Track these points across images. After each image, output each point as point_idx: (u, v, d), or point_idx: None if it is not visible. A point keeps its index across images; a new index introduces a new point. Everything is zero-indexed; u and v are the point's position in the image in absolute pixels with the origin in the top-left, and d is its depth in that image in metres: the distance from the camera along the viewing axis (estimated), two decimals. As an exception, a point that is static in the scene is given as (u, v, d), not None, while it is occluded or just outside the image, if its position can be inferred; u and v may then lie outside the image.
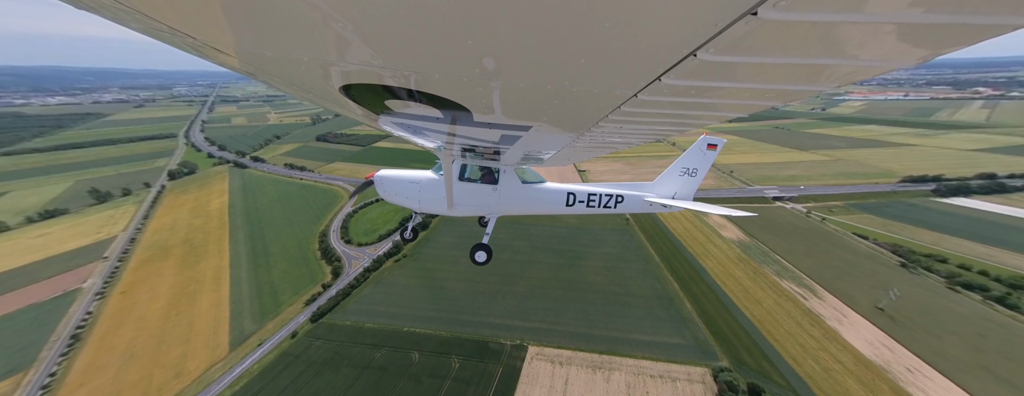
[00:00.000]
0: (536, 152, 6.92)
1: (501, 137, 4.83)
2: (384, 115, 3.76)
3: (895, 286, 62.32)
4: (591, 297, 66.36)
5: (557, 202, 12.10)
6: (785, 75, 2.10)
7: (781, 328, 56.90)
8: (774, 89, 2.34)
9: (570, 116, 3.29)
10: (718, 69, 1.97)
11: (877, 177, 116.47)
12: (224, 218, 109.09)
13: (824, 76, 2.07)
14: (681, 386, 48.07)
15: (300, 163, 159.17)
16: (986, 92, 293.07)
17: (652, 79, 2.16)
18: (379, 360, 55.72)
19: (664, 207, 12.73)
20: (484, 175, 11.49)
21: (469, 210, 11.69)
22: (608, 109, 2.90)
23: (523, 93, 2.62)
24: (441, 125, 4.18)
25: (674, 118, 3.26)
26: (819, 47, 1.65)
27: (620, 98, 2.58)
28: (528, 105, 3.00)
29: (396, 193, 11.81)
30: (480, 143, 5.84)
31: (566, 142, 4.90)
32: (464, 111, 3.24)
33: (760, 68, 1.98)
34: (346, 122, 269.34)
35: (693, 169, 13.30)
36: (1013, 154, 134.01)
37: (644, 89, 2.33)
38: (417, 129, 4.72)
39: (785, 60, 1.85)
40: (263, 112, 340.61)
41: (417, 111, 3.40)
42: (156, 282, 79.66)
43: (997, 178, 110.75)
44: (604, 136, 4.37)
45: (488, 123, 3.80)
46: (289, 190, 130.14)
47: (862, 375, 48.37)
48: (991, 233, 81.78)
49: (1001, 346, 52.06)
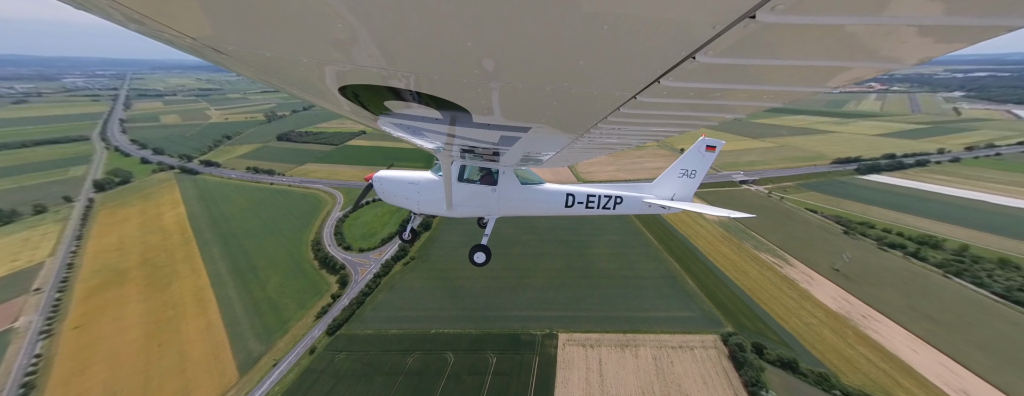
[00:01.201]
0: (535, 153, 7.05)
1: (500, 138, 4.88)
2: (383, 116, 3.80)
3: (846, 251, 75.67)
4: (605, 282, 71.26)
5: (556, 203, 12.20)
6: (784, 77, 2.18)
7: (767, 293, 66.64)
8: (773, 90, 2.41)
9: (569, 117, 3.35)
10: (717, 71, 2.01)
11: (814, 160, 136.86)
12: (187, 232, 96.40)
13: (821, 77, 2.14)
14: (698, 353, 54.79)
15: (265, 166, 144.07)
16: (877, 87, 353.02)
17: (651, 81, 2.19)
18: (414, 365, 55.24)
19: (663, 208, 12.87)
20: (483, 176, 11.52)
21: (468, 211, 11.78)
22: (607, 111, 2.94)
23: (522, 94, 2.64)
24: (440, 126, 4.19)
25: (673, 119, 3.35)
26: (817, 49, 1.70)
27: (619, 100, 2.62)
28: (527, 106, 3.03)
29: (395, 194, 11.82)
30: (479, 144, 5.88)
31: (565, 143, 4.97)
32: (463, 112, 3.26)
33: (759, 70, 2.03)
34: (308, 119, 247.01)
35: (692, 170, 13.50)
36: (903, 137, 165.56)
37: (643, 91, 2.37)
38: (416, 130, 4.78)
39: (783, 62, 1.89)
40: (199, 109, 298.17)
41: (416, 112, 3.43)
42: (119, 311, 69.15)
43: (896, 157, 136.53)
44: (603, 137, 4.48)
45: (487, 124, 3.84)
46: (260, 197, 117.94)
47: (833, 325, 59.09)
48: (899, 202, 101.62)
49: (921, 290, 66.53)
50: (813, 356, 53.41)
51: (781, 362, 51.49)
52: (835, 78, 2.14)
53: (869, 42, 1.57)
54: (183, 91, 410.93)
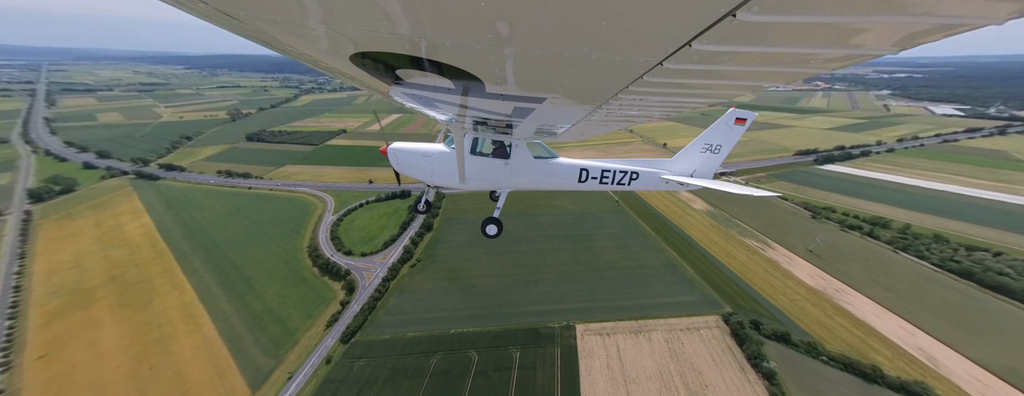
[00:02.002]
0: (549, 126, 6.81)
1: (514, 110, 4.71)
2: (395, 86, 3.75)
3: (816, 233, 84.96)
4: (611, 273, 74.84)
5: (569, 178, 11.95)
6: (835, 37, 1.84)
7: (755, 275, 73.51)
8: (819, 54, 2.09)
9: (587, 87, 3.12)
10: (761, 31, 1.75)
11: (779, 152, 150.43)
12: (159, 244, 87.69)
13: (877, 37, 1.84)
14: (704, 333, 59.72)
15: (239, 169, 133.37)
16: (822, 85, 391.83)
17: (682, 44, 1.96)
18: (438, 365, 55.28)
19: (681, 185, 12.32)
20: (496, 149, 11.36)
21: (480, 184, 11.68)
22: (629, 79, 2.71)
23: (538, 62, 2.45)
24: (452, 97, 4.08)
25: (702, 89, 3.07)
26: (882, 3, 1.48)
27: (643, 67, 2.38)
28: (543, 75, 2.85)
29: (409, 166, 11.87)
30: (492, 116, 5.68)
31: (582, 115, 4.78)
32: (476, 82, 3.15)
33: (809, 30, 1.74)
34: (279, 117, 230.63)
35: (717, 145, 12.77)
36: (849, 131, 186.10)
37: (671, 56, 2.13)
38: (428, 101, 4.70)
39: (839, 19, 1.62)
40: (145, 106, 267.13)
41: (428, 81, 3.34)
42: (92, 335, 62.17)
43: (845, 149, 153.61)
44: (622, 109, 4.25)
45: (500, 95, 3.72)
46: (239, 202, 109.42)
47: (813, 300, 66.68)
48: (852, 188, 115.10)
49: (878, 265, 76.65)
50: (801, 328, 60.21)
51: (776, 336, 57.59)
52: (894, 37, 1.86)
53: None
54: (120, 85, 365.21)
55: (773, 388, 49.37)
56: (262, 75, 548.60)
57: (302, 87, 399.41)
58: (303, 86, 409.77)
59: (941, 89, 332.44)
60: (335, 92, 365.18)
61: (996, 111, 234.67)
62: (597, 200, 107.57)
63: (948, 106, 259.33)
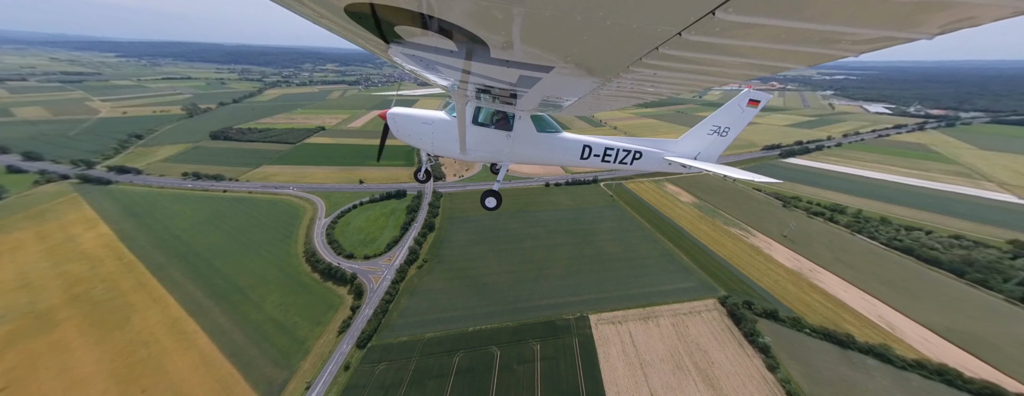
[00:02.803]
0: (555, 98, 6.46)
1: (519, 78, 4.51)
2: (395, 44, 3.44)
3: (788, 221, 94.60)
4: (615, 265, 78.74)
5: (572, 153, 11.66)
6: (872, 14, 1.71)
7: (742, 260, 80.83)
8: (854, 33, 1.93)
9: (598, 57, 2.89)
10: (788, 3, 1.64)
11: (748, 147, 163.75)
12: (126, 257, 78.94)
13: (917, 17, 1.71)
14: (705, 316, 65.15)
15: (209, 170, 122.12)
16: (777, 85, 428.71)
17: (704, 13, 1.81)
18: (462, 363, 55.74)
19: (683, 167, 12.08)
20: (499, 120, 11.00)
21: (482, 156, 11.44)
22: (644, 50, 2.52)
23: (548, 25, 2.25)
24: (455, 60, 3.88)
25: (720, 66, 2.86)
26: None
27: (661, 37, 2.20)
28: (552, 40, 2.62)
29: (409, 133, 11.57)
30: (497, 84, 5.45)
31: (590, 88, 4.52)
32: (481, 45, 2.95)
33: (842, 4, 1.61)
34: (245, 113, 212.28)
35: (725, 128, 12.44)
36: (803, 127, 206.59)
37: (692, 26, 1.97)
38: (429, 64, 4.45)
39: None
40: (74, 99, 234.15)
41: (430, 42, 3.11)
42: (62, 361, 55.39)
43: (802, 144, 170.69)
44: (634, 83, 3.98)
45: (506, 60, 3.50)
46: (215, 207, 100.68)
47: (792, 280, 74.82)
48: (812, 179, 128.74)
49: (840, 246, 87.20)
50: (785, 305, 67.53)
51: (766, 314, 64.23)
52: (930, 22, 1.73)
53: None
54: (36, 75, 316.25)
55: (769, 360, 55.40)
56: (215, 66, 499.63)
57: (266, 80, 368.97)
58: (267, 79, 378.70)
59: (872, 90, 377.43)
60: (304, 87, 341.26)
61: (915, 110, 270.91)
62: (592, 195, 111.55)
63: (879, 105, 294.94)
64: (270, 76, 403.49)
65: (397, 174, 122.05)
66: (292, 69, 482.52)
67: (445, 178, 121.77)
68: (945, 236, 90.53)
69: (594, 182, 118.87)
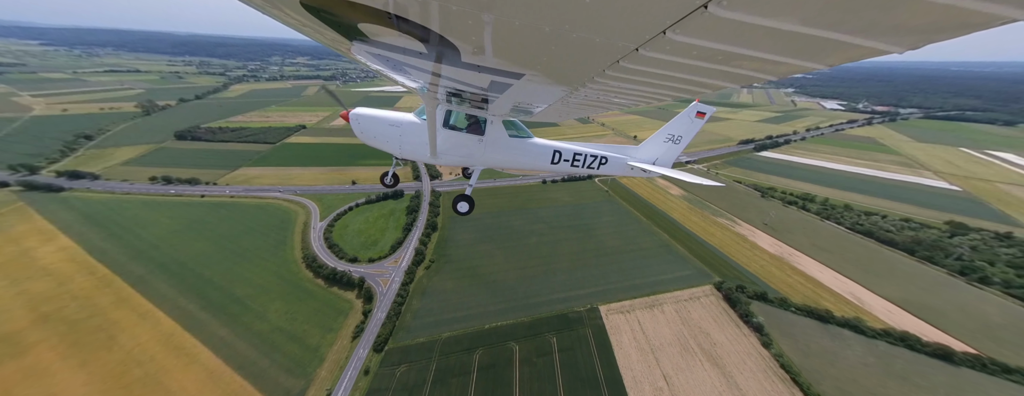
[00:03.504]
0: (527, 104, 6.64)
1: (491, 83, 4.52)
2: (358, 42, 3.33)
3: (768, 210, 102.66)
4: (618, 257, 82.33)
5: (543, 158, 11.95)
6: (795, 44, 1.97)
7: (731, 247, 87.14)
8: (776, 61, 2.23)
9: (566, 66, 3.08)
10: (729, 28, 1.84)
11: (725, 142, 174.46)
12: (98, 270, 72.29)
13: (826, 50, 1.99)
14: (705, 301, 70.08)
15: (181, 174, 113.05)
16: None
17: (657, 32, 2.02)
18: (482, 360, 56.75)
19: (644, 172, 12.82)
20: (470, 124, 11.02)
21: (453, 160, 11.36)
22: (607, 62, 2.73)
23: (518, 33, 2.37)
24: (425, 62, 3.83)
25: (673, 81, 3.14)
26: (828, 17, 1.63)
27: (621, 51, 2.42)
28: (523, 48, 2.74)
29: (374, 135, 11.16)
30: (468, 88, 5.45)
31: (559, 96, 4.70)
32: (452, 49, 2.97)
33: (772, 35, 1.85)
34: (210, 110, 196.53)
35: (678, 136, 13.34)
36: (771, 123, 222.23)
37: (647, 43, 2.21)
38: (397, 64, 4.31)
39: (799, 29, 1.75)
40: (1, 94, 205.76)
41: (398, 42, 3.05)
42: (45, 388, 50.52)
43: (772, 138, 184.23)
44: (600, 93, 4.25)
45: (478, 66, 3.55)
46: (195, 214, 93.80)
47: (775, 264, 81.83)
48: (784, 171, 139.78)
49: (813, 232, 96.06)
50: (772, 287, 73.96)
51: (756, 296, 70.15)
52: (848, 52, 2.01)
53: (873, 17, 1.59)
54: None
55: (763, 337, 60.91)
56: (167, 58, 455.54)
57: (229, 74, 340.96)
58: (230, 73, 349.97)
59: (826, 87, 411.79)
60: (275, 82, 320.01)
61: (863, 106, 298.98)
62: (589, 191, 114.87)
63: (833, 102, 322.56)
64: (234, 70, 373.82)
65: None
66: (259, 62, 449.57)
67: (441, 177, 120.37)
68: (897, 219, 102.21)
69: (589, 178, 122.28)
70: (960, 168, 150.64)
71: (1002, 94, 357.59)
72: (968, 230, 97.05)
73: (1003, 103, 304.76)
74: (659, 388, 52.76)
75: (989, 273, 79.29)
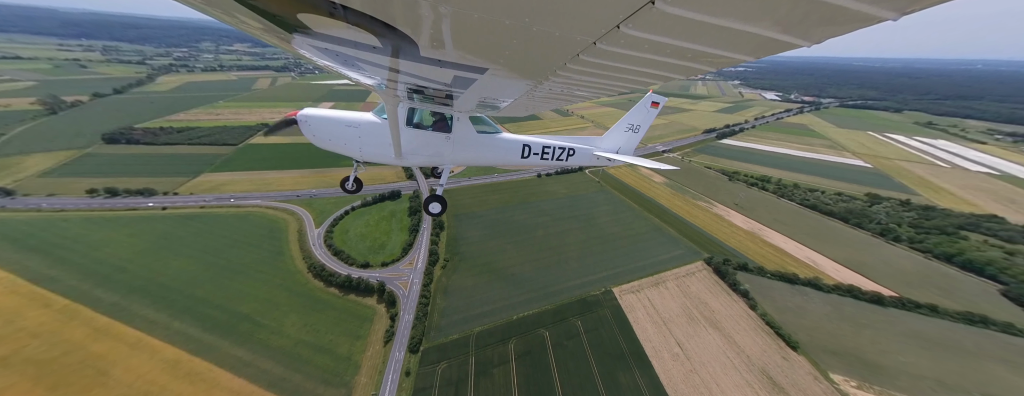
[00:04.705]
0: (493, 99, 6.54)
1: (454, 79, 4.37)
2: (299, 34, 2.97)
3: (738, 192, 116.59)
4: (619, 243, 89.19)
5: (513, 153, 11.81)
6: (731, 39, 2.23)
7: (712, 227, 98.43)
8: (714, 54, 2.49)
9: (528, 60, 3.11)
10: (675, 23, 2.03)
11: (691, 131, 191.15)
12: (55, 301, 62.30)
13: (758, 44, 2.27)
14: (699, 275, 79.43)
15: (128, 184, 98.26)
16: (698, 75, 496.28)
17: (611, 26, 2.14)
18: (518, 348, 59.83)
19: (609, 160, 13.12)
20: (436, 122, 10.63)
21: (420, 159, 10.98)
22: (567, 56, 2.81)
23: (478, 27, 2.35)
24: (380, 57, 3.51)
25: (630, 73, 3.31)
26: (758, 11, 1.87)
27: (580, 45, 2.52)
28: (484, 42, 2.72)
29: (329, 137, 10.33)
30: (430, 84, 5.16)
31: (524, 90, 4.74)
32: (409, 43, 2.82)
33: (710, 29, 2.07)
34: (142, 109, 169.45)
35: (636, 125, 13.99)
36: (726, 113, 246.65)
37: (603, 37, 2.33)
38: (349, 60, 3.92)
39: (732, 23, 1.99)
40: None
41: (347, 34, 2.79)
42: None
43: (730, 126, 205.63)
44: (564, 86, 4.32)
45: (439, 60, 3.40)
46: (162, 228, 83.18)
47: (750, 239, 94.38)
48: (744, 156, 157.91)
49: (774, 209, 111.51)
50: (750, 259, 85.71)
51: (740, 267, 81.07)
52: (758, 46, 2.29)
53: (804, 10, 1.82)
54: None
55: (750, 301, 71.36)
56: (57, 40, 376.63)
57: (151, 63, 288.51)
58: (151, 61, 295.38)
59: (765, 80, 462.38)
60: (214, 72, 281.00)
61: (795, 97, 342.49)
62: (582, 183, 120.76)
63: (772, 93, 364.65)
64: (154, 57, 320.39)
65: (383, 174, 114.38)
66: (186, 49, 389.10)
67: (439, 176, 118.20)
68: (832, 194, 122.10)
69: (580, 170, 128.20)
70: (869, 149, 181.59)
71: (890, 85, 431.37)
72: (882, 199, 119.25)
73: (891, 93, 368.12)
74: (675, 353, 60.13)
75: (899, 233, 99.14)
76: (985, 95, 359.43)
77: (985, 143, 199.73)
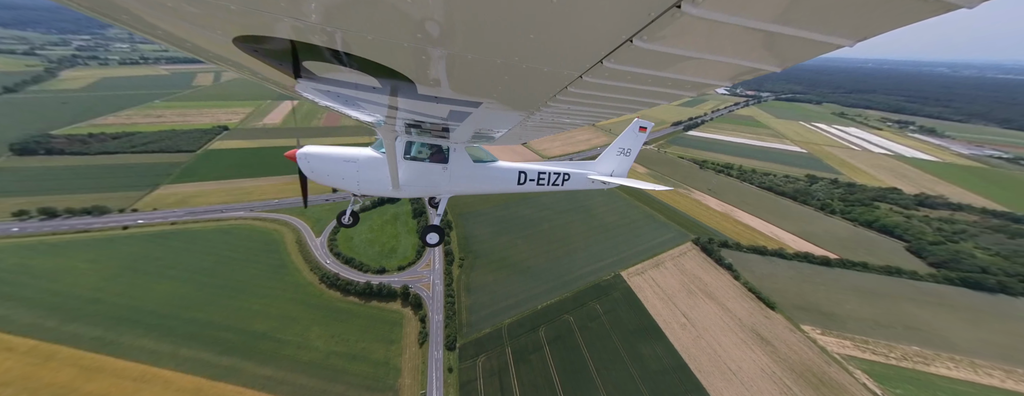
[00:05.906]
0: (487, 130, 6.87)
1: (450, 113, 4.62)
2: (304, 80, 3.21)
3: (709, 179, 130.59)
4: (619, 231, 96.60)
5: (509, 181, 12.16)
6: (704, 69, 2.45)
7: (694, 210, 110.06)
8: (692, 81, 2.74)
9: (521, 94, 3.35)
10: (651, 58, 2.21)
11: (661, 124, 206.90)
12: (18, 345, 53.76)
13: (730, 73, 2.50)
14: (690, 254, 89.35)
15: (69, 203, 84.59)
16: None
17: (595, 62, 2.33)
18: (548, 334, 63.93)
19: (603, 184, 13.96)
20: (433, 154, 10.91)
21: (417, 191, 11.23)
22: (556, 89, 3.03)
23: (472, 66, 2.54)
24: (380, 97, 3.77)
25: (615, 102, 3.59)
26: (730, 45, 1.99)
27: (567, 78, 2.74)
28: (478, 80, 2.95)
29: (327, 174, 10.50)
30: (427, 119, 5.49)
31: (517, 120, 4.97)
32: (407, 83, 3.03)
33: (683, 61, 2.28)
34: (56, 114, 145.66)
35: (627, 149, 14.88)
36: (687, 106, 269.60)
37: (588, 71, 2.52)
38: (350, 100, 4.17)
39: (702, 56, 2.16)
40: None
41: (349, 78, 3.01)
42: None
43: (693, 119, 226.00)
44: (555, 116, 4.61)
45: (435, 97, 3.62)
46: (128, 251, 73.70)
47: (725, 219, 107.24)
48: (709, 145, 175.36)
49: (738, 192, 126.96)
50: (728, 236, 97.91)
51: (722, 244, 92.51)
52: (739, 75, 2.54)
53: (770, 44, 1.95)
54: None
55: (734, 273, 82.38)
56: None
57: (44, 53, 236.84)
58: (42, 52, 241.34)
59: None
60: (137, 66, 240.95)
61: (739, 92, 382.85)
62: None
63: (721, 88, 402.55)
64: (46, 47, 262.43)
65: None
66: (89, 36, 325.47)
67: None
68: (781, 176, 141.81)
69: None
70: (802, 136, 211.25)
71: (811, 81, 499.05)
72: (817, 180, 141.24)
73: (812, 87, 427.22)
74: (683, 323, 68.37)
75: (833, 206, 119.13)
76: (877, 89, 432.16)
77: (881, 129, 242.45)
